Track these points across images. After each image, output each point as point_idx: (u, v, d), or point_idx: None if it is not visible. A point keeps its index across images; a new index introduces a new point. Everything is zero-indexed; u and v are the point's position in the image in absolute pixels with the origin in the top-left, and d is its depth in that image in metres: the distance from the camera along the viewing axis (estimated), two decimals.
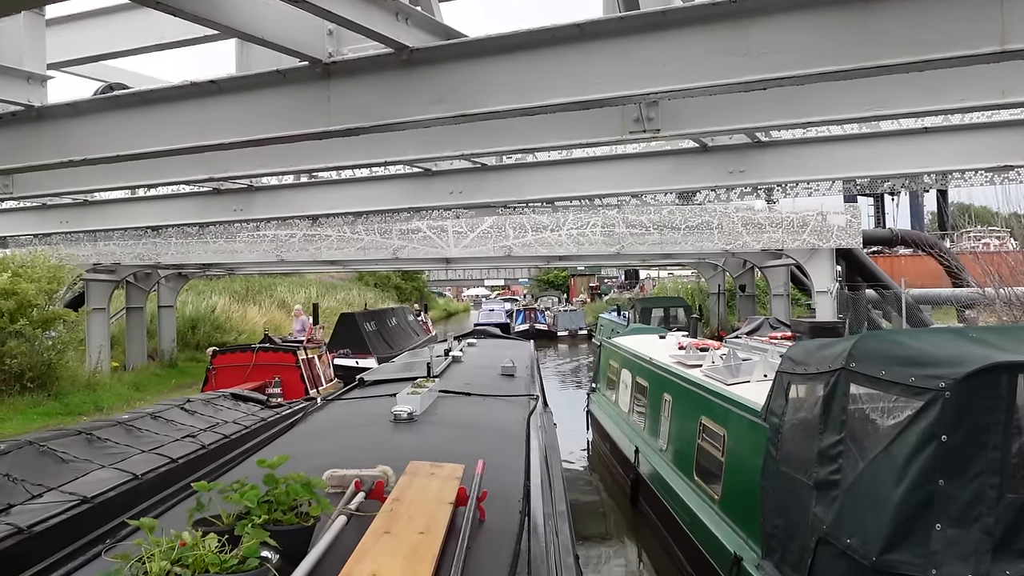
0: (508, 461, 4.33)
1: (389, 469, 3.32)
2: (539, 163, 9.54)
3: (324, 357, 17.78)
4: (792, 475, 5.98)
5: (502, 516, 3.23)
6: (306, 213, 11.12)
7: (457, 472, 3.40)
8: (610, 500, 12.65)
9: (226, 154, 6.85)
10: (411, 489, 3.16)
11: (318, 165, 7.35)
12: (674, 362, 10.98)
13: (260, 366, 14.87)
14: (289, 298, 48.25)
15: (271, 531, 2.36)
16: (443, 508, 2.95)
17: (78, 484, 4.35)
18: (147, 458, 5.13)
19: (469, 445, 4.51)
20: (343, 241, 22.91)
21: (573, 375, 28.31)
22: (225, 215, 11.36)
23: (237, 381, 13.67)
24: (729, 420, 7.86)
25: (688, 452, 9.08)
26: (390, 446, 4.56)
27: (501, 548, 2.89)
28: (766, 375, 8.71)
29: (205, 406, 6.90)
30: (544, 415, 7.27)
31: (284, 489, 2.64)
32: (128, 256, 22.58)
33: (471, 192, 9.92)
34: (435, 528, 2.74)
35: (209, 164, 7.11)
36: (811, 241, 22.71)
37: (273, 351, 15.60)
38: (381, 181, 10.56)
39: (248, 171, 7.37)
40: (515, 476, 4.01)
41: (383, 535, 2.64)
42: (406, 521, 2.78)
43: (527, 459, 4.46)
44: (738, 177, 8.51)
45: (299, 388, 14.61)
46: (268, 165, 7.14)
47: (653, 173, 8.98)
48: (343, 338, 24.34)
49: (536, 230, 23.20)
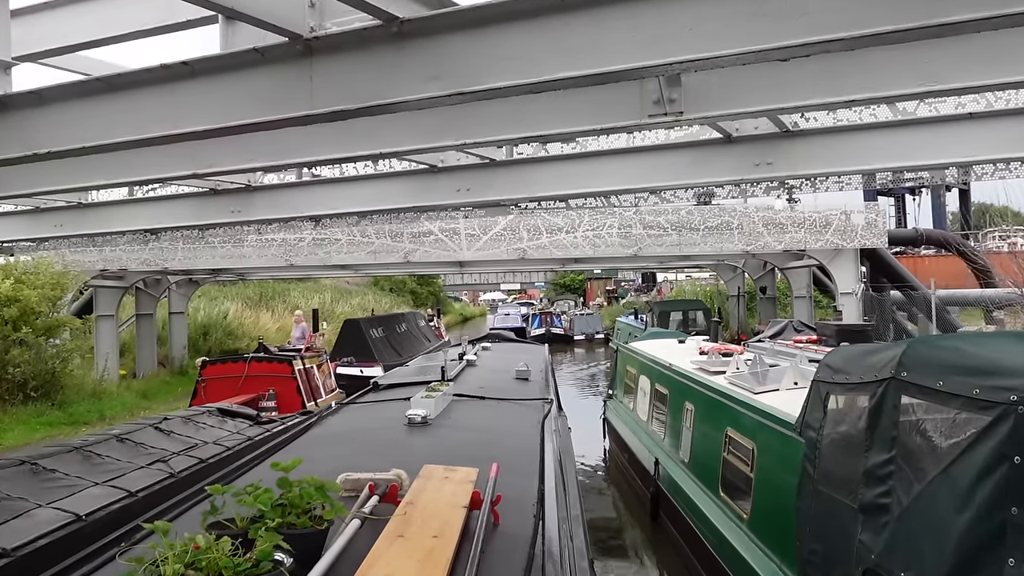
0: (522, 465, 4.28)
1: (403, 473, 3.32)
2: (551, 157, 8.95)
3: (324, 367, 16.67)
4: (833, 496, 5.37)
5: (516, 520, 3.19)
6: (307, 214, 10.60)
7: (471, 476, 3.38)
8: (628, 514, 12.02)
9: (207, 147, 6.33)
10: (425, 493, 3.16)
11: (307, 158, 6.79)
12: (695, 368, 10.35)
13: (253, 377, 13.65)
14: (303, 303, 47.81)
15: (285, 534, 2.34)
16: (457, 512, 2.94)
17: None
18: (98, 494, 4.12)
19: (483, 449, 4.46)
20: (353, 245, 22.43)
21: (590, 382, 27.63)
22: (223, 216, 10.85)
23: (228, 394, 12.75)
24: (759, 432, 7.23)
25: (713, 466, 8.45)
26: (404, 450, 4.53)
27: (515, 552, 2.85)
28: (796, 383, 8.09)
29: (184, 425, 6.18)
30: (559, 419, 7.18)
31: (298, 492, 2.63)
32: (135, 262, 22.19)
33: (479, 189, 9.34)
34: (449, 532, 2.73)
35: (191, 157, 6.57)
36: (834, 241, 22.00)
37: (267, 361, 14.29)
38: (385, 179, 10.00)
39: (232, 166, 6.82)
40: (529, 480, 3.95)
41: (397, 539, 2.64)
42: (420, 525, 2.78)
43: (541, 463, 4.40)
44: (764, 170, 7.88)
45: (295, 401, 13.49)
46: (254, 159, 6.59)
47: (673, 166, 8.36)
48: (347, 346, 23.11)
49: (551, 232, 22.58)
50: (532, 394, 7.37)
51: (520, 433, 5.40)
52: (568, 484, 5.11)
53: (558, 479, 4.43)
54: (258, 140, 6.14)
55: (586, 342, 47.40)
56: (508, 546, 2.91)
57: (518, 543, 2.95)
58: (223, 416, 6.84)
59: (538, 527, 3.18)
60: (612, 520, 11.91)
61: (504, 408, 6.52)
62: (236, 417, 6.96)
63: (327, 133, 6.08)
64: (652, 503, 10.78)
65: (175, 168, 6.82)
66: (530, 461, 4.43)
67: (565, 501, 4.34)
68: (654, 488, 10.68)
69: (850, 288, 21.92)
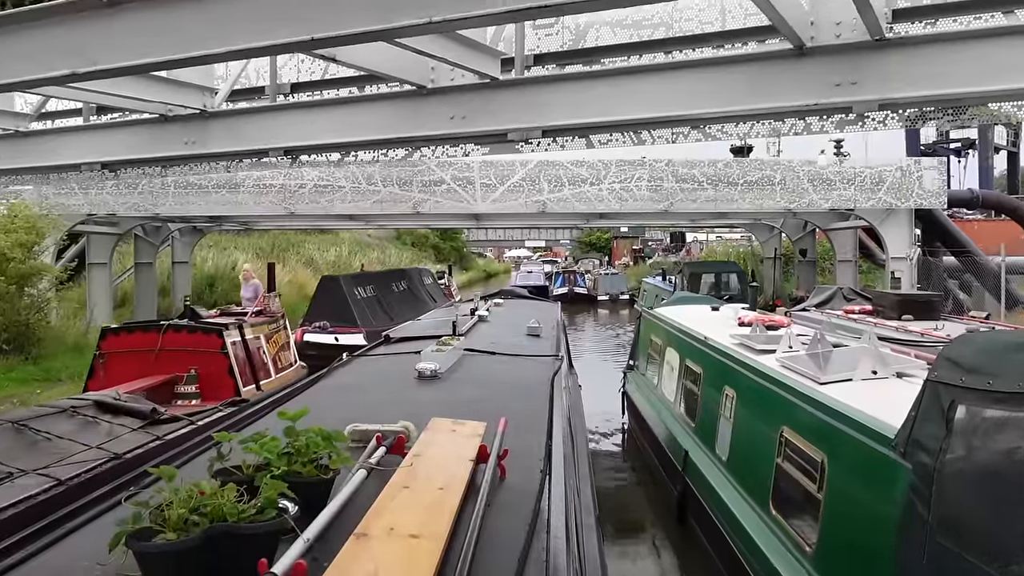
0: (531, 420, 4.19)
1: (411, 425, 3.40)
2: (565, 76, 7.07)
3: (279, 336, 13.13)
4: (963, 558, 3.59)
5: (523, 475, 3.12)
6: (275, 146, 8.79)
7: (479, 430, 3.42)
8: (651, 510, 10.28)
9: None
10: (432, 445, 3.18)
11: (214, 49, 4.95)
12: (736, 344, 8.50)
13: (171, 352, 10.35)
14: (318, 256, 46.41)
15: (290, 483, 2.28)
16: (464, 465, 2.94)
17: None
18: None
19: (492, 403, 4.51)
20: (358, 193, 20.63)
21: (614, 351, 25.71)
22: (176, 148, 9.06)
23: (138, 373, 9.95)
24: (832, 440, 5.41)
25: (762, 472, 6.65)
26: (413, 402, 4.54)
27: (521, 506, 2.77)
28: (875, 371, 6.23)
29: (17, 436, 4.28)
30: (569, 376, 7.12)
31: (304, 441, 2.61)
32: (123, 206, 20.57)
33: (477, 116, 7.48)
34: (455, 484, 2.71)
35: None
36: (888, 200, 19.86)
37: (189, 331, 10.76)
38: (363, 104, 8.17)
39: (122, 61, 5.02)
40: (537, 435, 3.87)
41: (402, 490, 2.62)
42: (426, 477, 2.77)
43: (550, 419, 4.31)
44: (848, 91, 5.94)
45: (225, 384, 10.34)
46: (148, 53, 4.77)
47: (724, 89, 6.43)
48: (323, 308, 19.57)
49: (573, 183, 20.59)
50: (543, 351, 7.19)
51: (530, 389, 5.27)
52: (577, 440, 5.12)
53: (566, 435, 4.34)
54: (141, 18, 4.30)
55: (610, 303, 46.01)
56: (514, 500, 2.86)
57: (524, 497, 2.89)
58: (102, 412, 4.94)
59: (544, 482, 3.12)
60: (631, 516, 10.17)
61: (514, 364, 6.44)
62: (121, 414, 5.02)
63: (240, 10, 4.23)
64: (679, 503, 9.02)
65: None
66: (539, 417, 4.34)
67: (573, 457, 4.33)
68: (682, 486, 8.91)
69: (903, 252, 19.81)
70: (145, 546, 1.97)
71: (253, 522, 2.09)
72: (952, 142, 58.99)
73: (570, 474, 3.69)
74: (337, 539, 2.23)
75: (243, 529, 2.05)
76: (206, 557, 1.97)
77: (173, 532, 2.00)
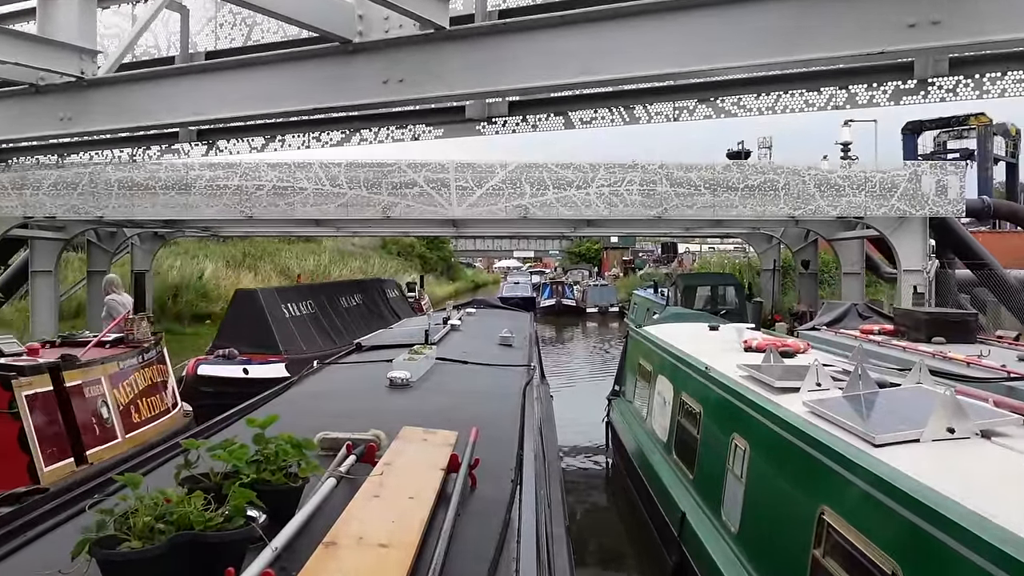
0: (502, 430, 4.17)
1: (382, 433, 3.37)
2: (533, 23, 5.28)
3: (148, 372, 9.52)
4: None
5: (494, 484, 3.14)
6: (170, 120, 7.01)
7: (450, 439, 3.43)
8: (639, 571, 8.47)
9: None
10: (403, 454, 3.18)
11: None
12: (745, 377, 6.69)
13: None
14: (295, 265, 44.33)
15: (259, 491, 2.28)
16: (434, 474, 2.95)
17: None
18: None
19: (464, 412, 4.47)
20: (321, 196, 18.75)
21: (602, 370, 23.82)
22: (51, 127, 7.24)
23: None
24: (908, 541, 3.61)
25: (793, 563, 4.84)
26: (384, 411, 4.52)
27: (491, 516, 2.79)
28: (952, 429, 4.43)
29: None
30: (541, 386, 7.15)
31: (273, 449, 2.59)
32: (61, 208, 18.62)
33: (417, 78, 5.67)
34: (425, 494, 2.72)
35: None
36: (901, 207, 18.13)
37: None
38: (275, 66, 6.37)
39: None
40: (509, 445, 3.85)
41: (372, 499, 2.63)
42: (396, 486, 2.77)
43: (521, 429, 4.29)
44: (926, 33, 4.18)
45: (15, 461, 6.78)
46: None
47: (748, 33, 4.67)
48: (235, 330, 15.95)
49: (558, 186, 18.77)
50: (515, 360, 7.32)
51: (501, 398, 5.30)
52: (548, 450, 5.11)
53: (538, 445, 4.28)
54: None
55: (599, 315, 44.68)
56: (484, 509, 2.85)
57: (495, 507, 2.87)
58: None
59: (515, 492, 3.09)
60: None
61: (486, 373, 6.50)
62: None
63: None
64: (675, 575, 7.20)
65: None
66: (510, 426, 4.33)
67: (544, 467, 4.30)
68: (678, 556, 7.05)
69: (918, 265, 18.08)
70: (109, 554, 1.93)
71: (220, 530, 2.06)
72: (950, 152, 57.85)
73: (541, 484, 3.66)
74: (306, 548, 2.21)
75: (210, 537, 2.02)
76: (172, 565, 1.95)
77: (138, 540, 1.98)
